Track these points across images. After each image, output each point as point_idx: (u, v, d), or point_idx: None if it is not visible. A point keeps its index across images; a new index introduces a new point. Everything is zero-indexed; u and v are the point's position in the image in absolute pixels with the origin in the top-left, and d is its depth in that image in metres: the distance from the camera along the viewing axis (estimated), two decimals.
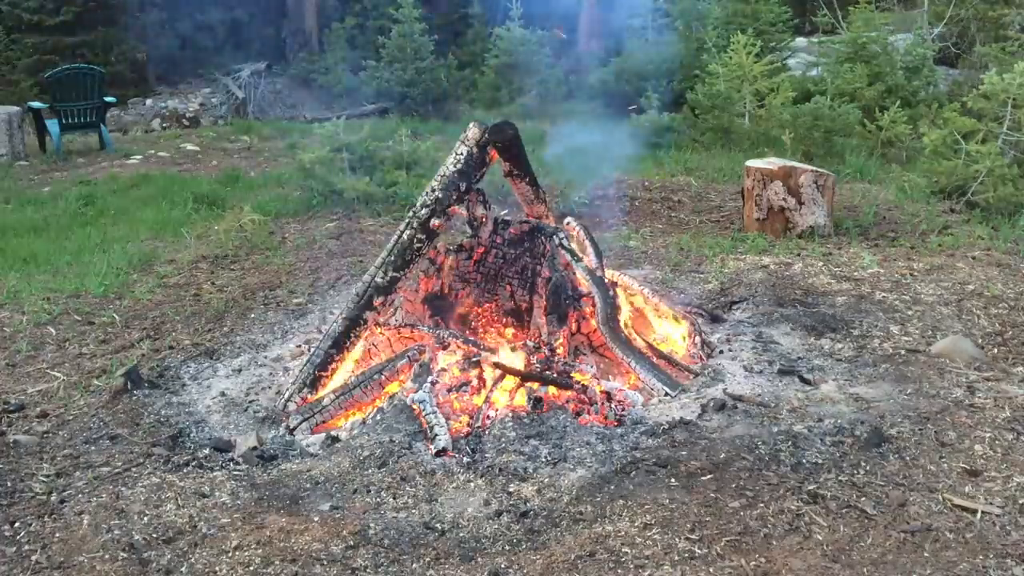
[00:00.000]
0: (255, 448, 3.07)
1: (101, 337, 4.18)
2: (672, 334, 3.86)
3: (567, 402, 3.20)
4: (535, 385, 3.25)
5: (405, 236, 3.48)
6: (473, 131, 3.49)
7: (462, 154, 3.49)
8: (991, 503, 2.54)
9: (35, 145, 9.98)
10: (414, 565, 2.33)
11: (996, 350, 3.75)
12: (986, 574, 2.23)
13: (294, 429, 3.22)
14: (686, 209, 6.68)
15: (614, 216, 6.41)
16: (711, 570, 2.25)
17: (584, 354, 3.60)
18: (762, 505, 2.52)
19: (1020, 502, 2.54)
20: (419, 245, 3.48)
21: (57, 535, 2.49)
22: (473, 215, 3.59)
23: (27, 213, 6.98)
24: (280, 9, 15.78)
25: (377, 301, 3.47)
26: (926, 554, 2.31)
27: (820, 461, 2.75)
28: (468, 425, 3.08)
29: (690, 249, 5.50)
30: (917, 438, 2.91)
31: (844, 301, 4.32)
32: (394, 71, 12.43)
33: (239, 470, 2.88)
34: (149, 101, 14.67)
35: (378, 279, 3.47)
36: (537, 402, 3.15)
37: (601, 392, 3.28)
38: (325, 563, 2.33)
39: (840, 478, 2.66)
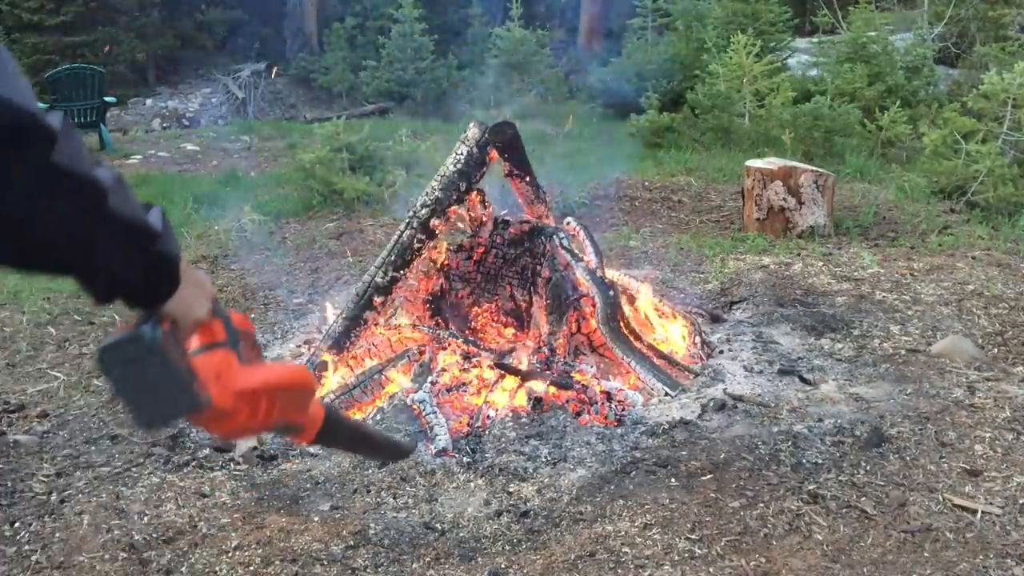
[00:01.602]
0: (255, 448, 3.07)
1: (101, 337, 4.18)
2: (672, 334, 3.86)
3: (567, 402, 3.20)
4: (535, 385, 3.24)
5: (405, 236, 3.48)
6: (473, 131, 3.49)
7: (462, 154, 3.49)
8: (991, 503, 2.54)
9: None
10: (414, 565, 2.33)
11: (996, 350, 3.74)
12: (986, 574, 2.23)
13: None
14: (686, 209, 6.68)
15: (614, 216, 6.41)
16: (711, 570, 2.25)
17: (584, 354, 3.60)
18: (762, 505, 2.52)
19: (1020, 502, 2.54)
20: (419, 245, 3.48)
21: (57, 535, 2.49)
22: (473, 215, 3.59)
23: None
24: (280, 9, 15.78)
25: (377, 301, 3.47)
26: (926, 554, 2.31)
27: (820, 461, 2.75)
28: (468, 425, 3.08)
29: (690, 249, 5.50)
30: (917, 438, 2.91)
31: (844, 301, 4.32)
32: (394, 71, 12.43)
33: (239, 470, 2.88)
34: (149, 101, 14.67)
35: (378, 279, 3.47)
36: (537, 402, 3.15)
37: (601, 392, 3.28)
38: (325, 563, 2.33)
39: (840, 478, 2.66)
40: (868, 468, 2.72)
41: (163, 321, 0.96)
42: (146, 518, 2.56)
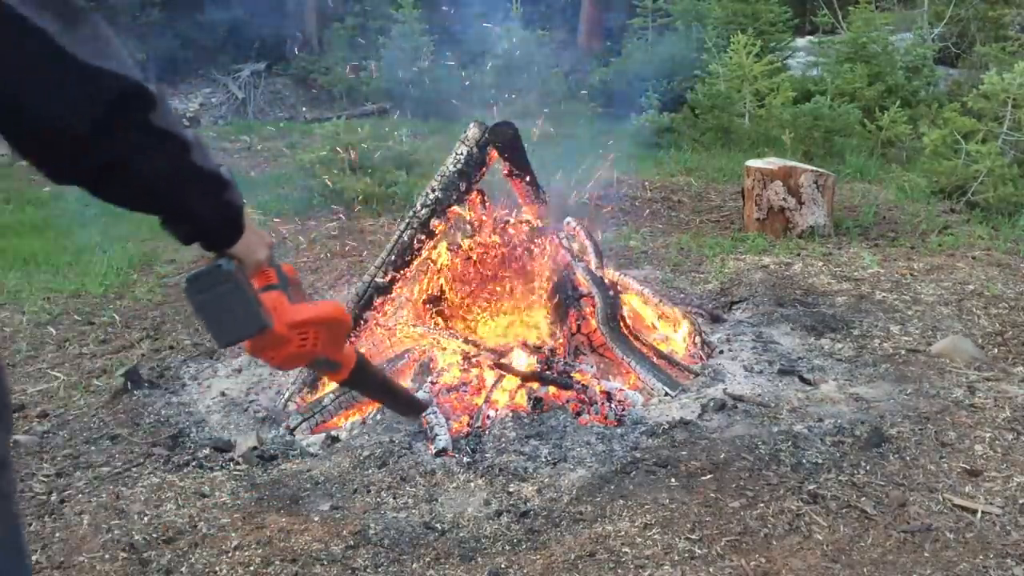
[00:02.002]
0: (255, 448, 3.07)
1: (101, 337, 4.18)
2: (672, 334, 3.86)
3: (567, 402, 3.20)
4: (535, 385, 3.25)
5: (405, 236, 3.48)
6: (473, 131, 3.49)
7: (462, 154, 3.49)
8: (991, 503, 2.54)
9: None
10: (414, 565, 2.33)
11: (996, 350, 3.75)
12: (986, 574, 2.23)
13: (294, 429, 3.22)
14: (686, 209, 6.68)
15: (614, 216, 6.41)
16: (711, 570, 2.25)
17: (584, 354, 3.60)
18: (762, 505, 2.52)
19: (1020, 502, 2.54)
20: (419, 245, 3.48)
21: (57, 535, 2.49)
22: (473, 215, 3.59)
23: (27, 213, 6.98)
24: (280, 9, 15.77)
25: (377, 301, 3.47)
26: (926, 554, 2.31)
27: (820, 461, 2.75)
28: (468, 425, 3.08)
29: (690, 249, 5.50)
30: (917, 438, 2.91)
31: (844, 301, 4.32)
32: (394, 71, 12.43)
33: (239, 470, 2.88)
34: None
35: (378, 279, 3.47)
36: (537, 402, 3.15)
37: (601, 392, 3.28)
38: (325, 563, 2.33)
39: (840, 478, 2.66)
40: (868, 468, 2.72)
41: (234, 260, 1.18)
42: (146, 518, 2.56)
